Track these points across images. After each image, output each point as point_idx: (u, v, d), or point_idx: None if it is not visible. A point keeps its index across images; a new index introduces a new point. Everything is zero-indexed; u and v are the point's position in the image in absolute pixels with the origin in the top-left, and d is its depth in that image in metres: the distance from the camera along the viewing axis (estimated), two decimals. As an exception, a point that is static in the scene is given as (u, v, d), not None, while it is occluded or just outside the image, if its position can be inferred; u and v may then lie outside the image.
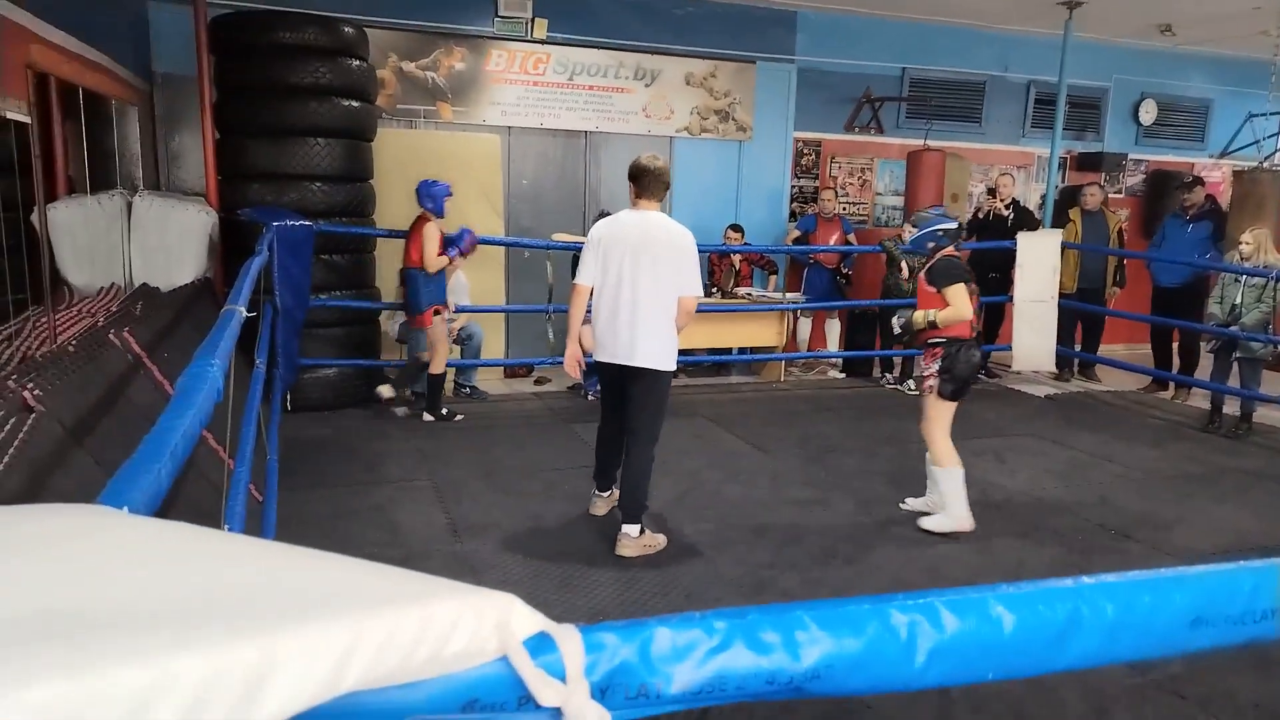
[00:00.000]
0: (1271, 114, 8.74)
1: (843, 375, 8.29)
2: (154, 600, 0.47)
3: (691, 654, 0.65)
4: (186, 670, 0.42)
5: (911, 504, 4.70)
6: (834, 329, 8.49)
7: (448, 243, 5.91)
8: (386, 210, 6.79)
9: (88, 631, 0.43)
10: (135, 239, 5.42)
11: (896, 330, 4.56)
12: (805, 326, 8.47)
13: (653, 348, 3.99)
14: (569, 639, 0.62)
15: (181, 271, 5.57)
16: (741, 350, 8.15)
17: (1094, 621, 0.74)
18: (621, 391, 4.15)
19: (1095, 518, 4.70)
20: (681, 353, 7.67)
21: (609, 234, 4.04)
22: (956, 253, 4.47)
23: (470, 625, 0.57)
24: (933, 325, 4.33)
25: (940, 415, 4.40)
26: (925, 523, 4.45)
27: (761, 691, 0.67)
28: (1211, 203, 7.79)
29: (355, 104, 6.23)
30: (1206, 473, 5.61)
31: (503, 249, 7.56)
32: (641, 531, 4.07)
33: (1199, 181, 7.92)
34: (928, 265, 4.44)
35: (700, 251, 7.86)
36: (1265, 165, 8.17)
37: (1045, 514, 4.75)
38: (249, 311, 2.58)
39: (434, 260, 5.78)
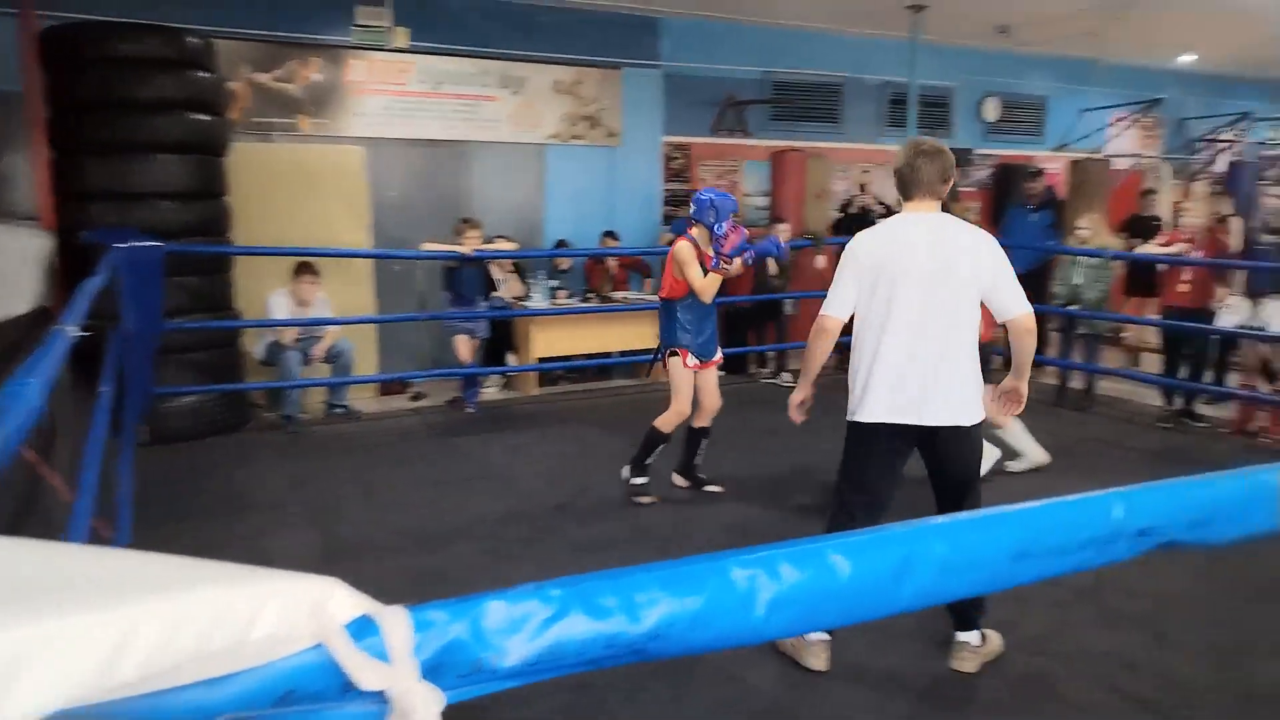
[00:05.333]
0: (1099, 108, 9.42)
1: (721, 372, 8.42)
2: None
3: (526, 625, 0.63)
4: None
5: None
6: (711, 328, 8.62)
7: (733, 251, 4.45)
8: (246, 228, 6.50)
9: None
10: (-41, 268, 5.00)
11: None
12: (683, 327, 8.56)
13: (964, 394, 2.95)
14: (394, 619, 0.60)
15: (15, 301, 5.17)
16: (622, 353, 8.18)
17: (926, 562, 0.77)
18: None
19: (962, 493, 4.92)
20: (562, 358, 7.73)
21: (879, 250, 2.96)
22: None
23: (278, 611, 0.53)
24: None
25: None
26: (1011, 466, 5.23)
27: (601, 656, 0.66)
28: (1050, 192, 8.34)
29: (204, 118, 5.94)
30: (1058, 443, 5.96)
31: (370, 262, 7.36)
32: (983, 638, 3.12)
33: (1040, 172, 8.45)
34: None
35: (575, 255, 7.97)
36: (1096, 156, 8.79)
37: (913, 488, 4.95)
38: (86, 333, 2.40)
39: (704, 285, 4.47)
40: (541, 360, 7.51)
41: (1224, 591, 3.68)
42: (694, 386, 4.73)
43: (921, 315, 2.87)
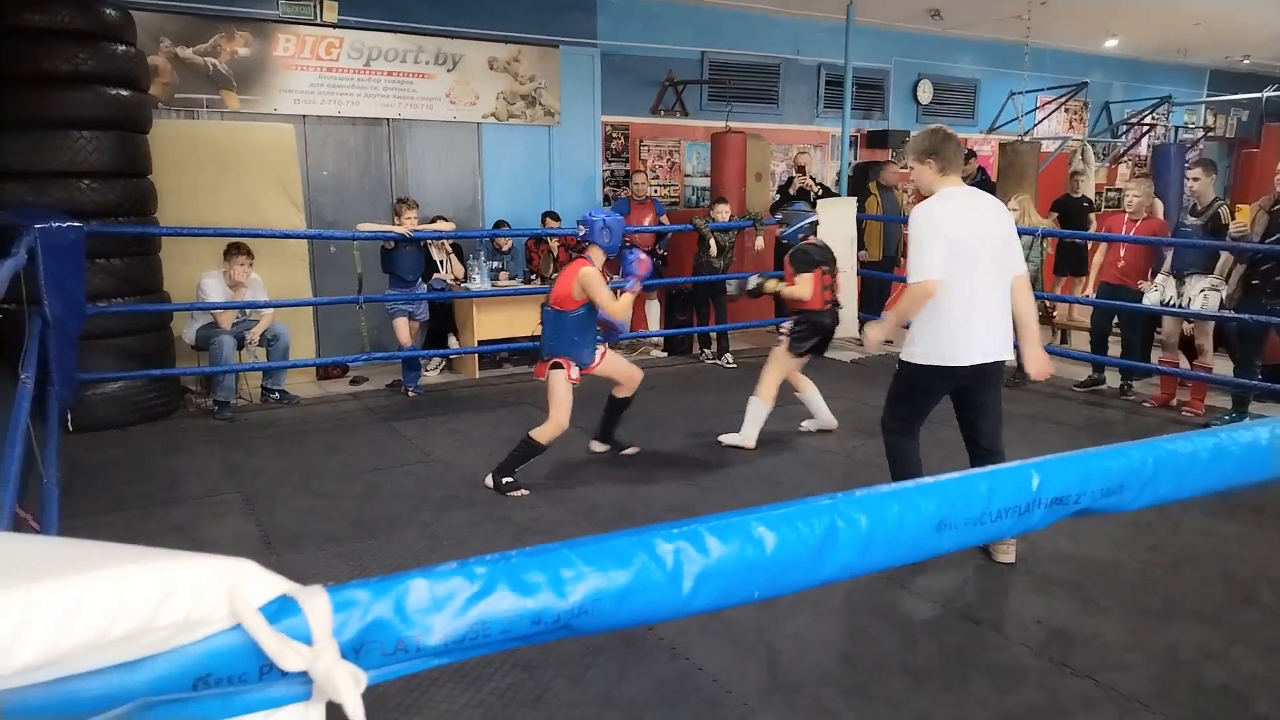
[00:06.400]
0: (1028, 91, 9.63)
1: (664, 354, 8.47)
2: None
3: (450, 603, 0.63)
4: None
5: (807, 425, 5.69)
6: (654, 309, 8.65)
7: (626, 275, 4.77)
8: (171, 208, 6.30)
9: None
10: None
11: (731, 290, 5.74)
12: (625, 308, 8.56)
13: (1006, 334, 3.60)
14: (314, 599, 0.59)
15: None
16: (564, 335, 8.13)
17: (849, 534, 0.78)
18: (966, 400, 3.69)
19: (898, 468, 5.03)
20: (504, 340, 7.66)
21: (950, 218, 3.51)
22: (815, 240, 5.43)
23: (190, 593, 0.52)
24: (777, 295, 5.53)
25: (780, 362, 5.33)
26: (723, 438, 5.37)
27: (529, 633, 0.66)
28: (982, 174, 8.51)
29: (124, 93, 5.72)
30: (991, 419, 6.13)
31: (305, 243, 7.19)
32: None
33: (972, 154, 8.61)
34: (790, 251, 5.40)
35: (517, 236, 7.89)
36: (1025, 138, 9.00)
37: (855, 468, 5.05)
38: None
39: (619, 308, 4.59)
40: (483, 343, 7.44)
41: (1145, 558, 3.84)
42: (607, 374, 4.97)
43: (971, 270, 3.45)
